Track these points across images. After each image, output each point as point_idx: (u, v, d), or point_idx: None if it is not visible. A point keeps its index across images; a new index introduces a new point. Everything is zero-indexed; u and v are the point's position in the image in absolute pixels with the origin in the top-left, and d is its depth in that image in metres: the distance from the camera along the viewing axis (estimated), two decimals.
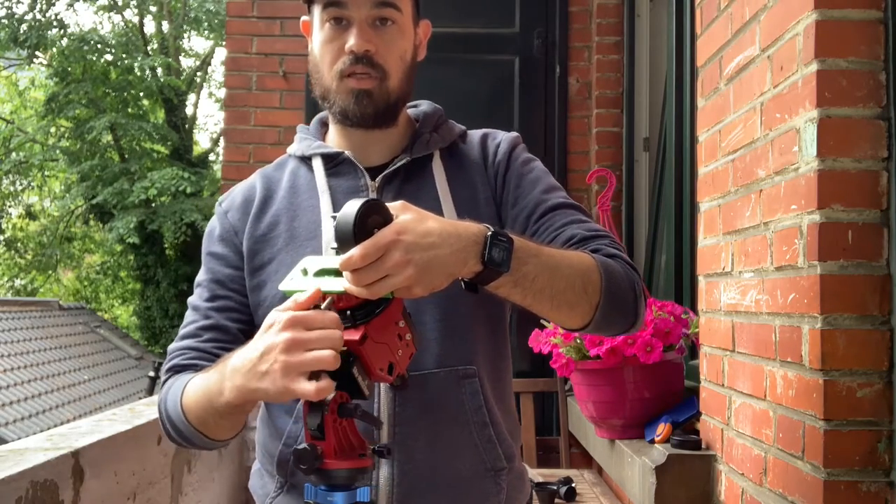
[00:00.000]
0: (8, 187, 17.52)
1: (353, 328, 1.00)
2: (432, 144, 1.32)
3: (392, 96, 1.26)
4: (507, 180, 1.31)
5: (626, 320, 1.21)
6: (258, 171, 1.40)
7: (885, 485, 1.28)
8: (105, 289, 18.43)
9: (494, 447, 1.25)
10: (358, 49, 1.21)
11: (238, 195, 1.36)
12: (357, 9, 1.21)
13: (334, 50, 1.23)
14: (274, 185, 1.34)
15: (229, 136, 4.03)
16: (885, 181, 1.31)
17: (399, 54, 1.26)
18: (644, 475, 1.95)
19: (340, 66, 1.23)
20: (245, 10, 4.01)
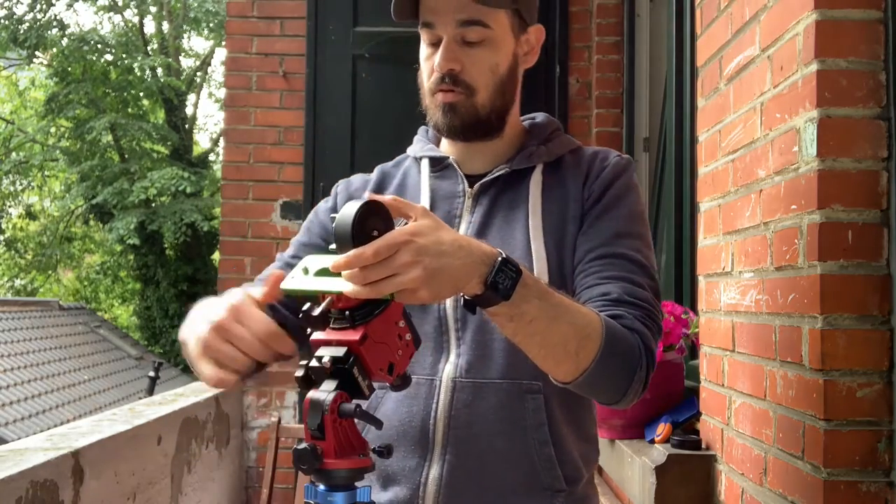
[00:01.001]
0: (8, 187, 17.53)
1: (353, 328, 1.00)
2: (535, 157, 1.33)
3: (482, 110, 1.28)
4: (595, 207, 1.29)
5: (610, 397, 1.18)
6: (379, 165, 1.46)
7: (885, 485, 1.28)
8: (105, 289, 18.44)
9: (554, 467, 1.22)
10: (441, 69, 1.25)
11: (355, 182, 1.43)
12: (444, 28, 1.25)
13: (429, 68, 1.29)
14: (388, 180, 1.40)
15: (229, 136, 4.04)
16: (885, 181, 1.31)
17: (489, 68, 1.27)
18: (644, 475, 1.95)
19: (431, 84, 1.29)
20: (245, 10, 4.01)
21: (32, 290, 18.01)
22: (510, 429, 1.21)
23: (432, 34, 1.26)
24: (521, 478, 1.21)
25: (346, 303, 1.00)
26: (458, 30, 1.24)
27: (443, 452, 1.21)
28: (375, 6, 3.91)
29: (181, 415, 2.91)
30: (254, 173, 3.98)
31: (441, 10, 1.24)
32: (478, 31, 1.25)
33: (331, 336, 1.02)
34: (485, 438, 1.20)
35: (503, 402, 1.21)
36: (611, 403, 1.21)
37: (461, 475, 1.20)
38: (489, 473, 1.21)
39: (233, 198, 4.00)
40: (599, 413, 2.31)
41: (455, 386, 1.22)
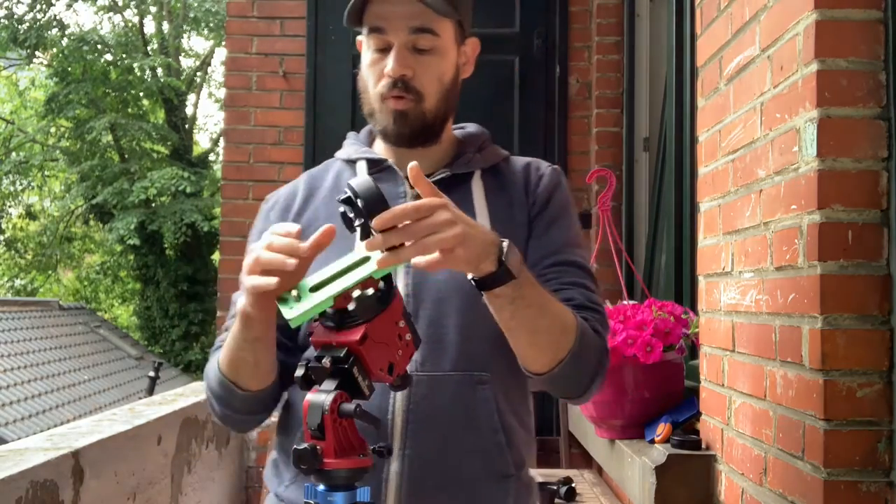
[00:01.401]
0: (8, 187, 17.52)
1: (353, 328, 1.00)
2: (474, 164, 1.37)
3: (429, 116, 1.32)
4: (542, 215, 1.35)
5: (575, 390, 1.29)
6: (305, 172, 1.47)
7: (885, 485, 1.28)
8: (105, 289, 18.44)
9: (504, 454, 1.28)
10: (394, 74, 1.27)
11: (283, 194, 1.43)
12: (395, 34, 1.27)
13: (376, 73, 1.30)
14: (317, 185, 1.41)
15: (229, 136, 4.04)
16: (885, 181, 1.31)
17: (437, 76, 1.31)
18: (644, 475, 1.95)
19: (381, 89, 1.30)
20: (245, 10, 4.01)
21: (32, 290, 18.00)
22: (465, 419, 1.26)
23: (381, 40, 1.28)
24: (477, 466, 1.26)
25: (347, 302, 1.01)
26: (410, 37, 1.28)
27: (402, 447, 1.24)
28: None
29: (181, 415, 2.91)
30: (254, 173, 3.98)
31: (392, 17, 1.27)
32: (428, 39, 1.29)
33: (331, 336, 1.02)
34: (443, 430, 1.25)
35: (457, 393, 1.26)
36: (572, 398, 1.32)
37: (422, 468, 1.23)
38: (448, 464, 1.25)
39: (233, 198, 4.00)
40: (599, 413, 2.33)
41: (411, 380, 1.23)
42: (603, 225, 2.92)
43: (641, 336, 2.13)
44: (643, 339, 2.12)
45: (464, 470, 1.25)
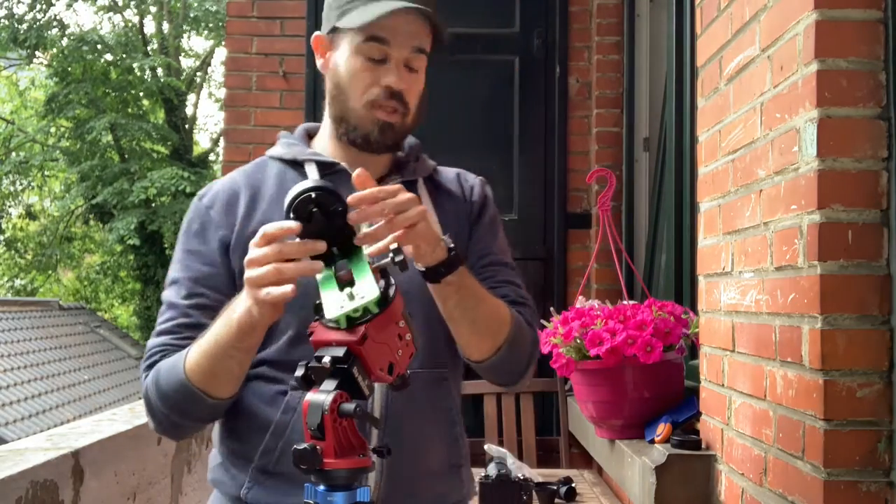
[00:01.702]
0: (8, 187, 17.51)
1: (353, 328, 1.00)
2: (418, 172, 1.43)
3: (407, 131, 1.38)
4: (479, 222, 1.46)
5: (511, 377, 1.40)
6: (237, 170, 1.44)
7: (885, 485, 1.28)
8: (105, 289, 18.42)
9: (459, 445, 1.40)
10: (397, 86, 1.31)
11: (221, 192, 1.38)
12: (398, 49, 1.31)
13: (368, 80, 1.31)
14: (259, 185, 1.38)
15: (229, 136, 4.03)
16: (885, 181, 1.31)
17: (419, 93, 1.36)
18: (644, 475, 1.95)
19: (372, 97, 1.31)
20: (245, 10, 4.01)
21: (32, 290, 17.99)
22: (433, 414, 1.35)
23: (381, 51, 1.31)
24: (442, 457, 1.37)
25: None
26: (409, 54, 1.32)
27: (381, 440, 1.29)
28: None
29: None
30: None
31: (400, 33, 1.30)
32: (421, 60, 1.35)
33: (331, 336, 1.02)
34: (416, 425, 1.32)
35: (425, 389, 1.33)
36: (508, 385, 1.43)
37: (399, 462, 1.26)
38: (421, 457, 1.33)
39: None
40: (599, 413, 2.33)
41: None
42: (603, 225, 2.92)
43: (641, 336, 2.13)
44: (643, 339, 2.12)
45: (431, 461, 1.35)
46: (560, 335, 2.28)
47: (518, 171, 3.84)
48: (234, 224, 1.34)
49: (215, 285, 1.32)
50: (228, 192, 1.38)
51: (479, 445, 3.23)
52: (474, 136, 3.84)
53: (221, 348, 1.18)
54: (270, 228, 1.07)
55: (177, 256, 1.37)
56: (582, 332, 2.20)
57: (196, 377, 1.21)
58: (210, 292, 1.32)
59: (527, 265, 3.83)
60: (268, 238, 1.07)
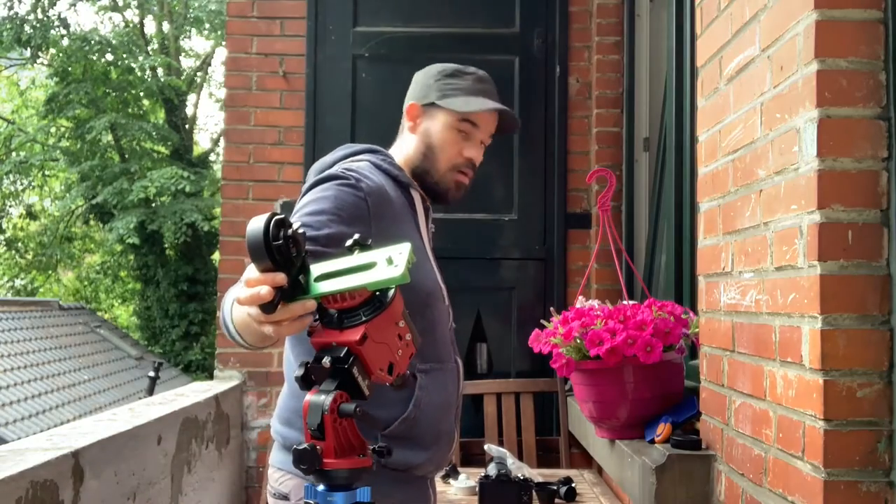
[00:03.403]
0: (8, 187, 17.51)
1: (353, 328, 1.00)
2: None
3: None
4: None
5: None
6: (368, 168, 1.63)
7: (885, 485, 1.28)
8: (105, 289, 18.42)
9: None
10: (477, 161, 1.74)
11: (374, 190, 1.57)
12: (483, 133, 1.74)
13: (457, 151, 1.71)
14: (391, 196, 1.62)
15: (229, 136, 4.03)
16: (885, 181, 1.31)
17: None
18: (644, 475, 1.95)
19: (457, 163, 1.71)
20: (245, 10, 4.01)
21: (32, 290, 17.99)
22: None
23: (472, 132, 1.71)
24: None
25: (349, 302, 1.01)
26: (487, 137, 1.75)
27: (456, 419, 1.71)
28: (375, 6, 3.91)
29: (181, 415, 2.91)
30: (254, 173, 3.98)
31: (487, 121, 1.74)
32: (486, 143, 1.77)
33: (331, 336, 1.02)
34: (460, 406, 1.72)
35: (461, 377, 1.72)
36: None
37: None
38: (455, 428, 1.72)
39: (233, 198, 4.00)
40: (599, 413, 2.32)
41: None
42: (603, 225, 2.92)
43: (641, 336, 2.12)
44: (643, 339, 2.12)
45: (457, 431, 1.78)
46: (560, 335, 2.28)
47: (518, 170, 3.84)
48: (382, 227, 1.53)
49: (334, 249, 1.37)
50: (378, 192, 1.58)
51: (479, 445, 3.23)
52: None
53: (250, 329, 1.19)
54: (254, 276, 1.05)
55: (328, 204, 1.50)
56: (582, 332, 2.20)
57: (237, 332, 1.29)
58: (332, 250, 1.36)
59: (527, 265, 3.83)
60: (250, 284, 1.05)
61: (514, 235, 3.84)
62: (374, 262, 1.00)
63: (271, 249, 0.98)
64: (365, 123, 3.85)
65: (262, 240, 0.97)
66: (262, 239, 0.97)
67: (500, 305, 3.73)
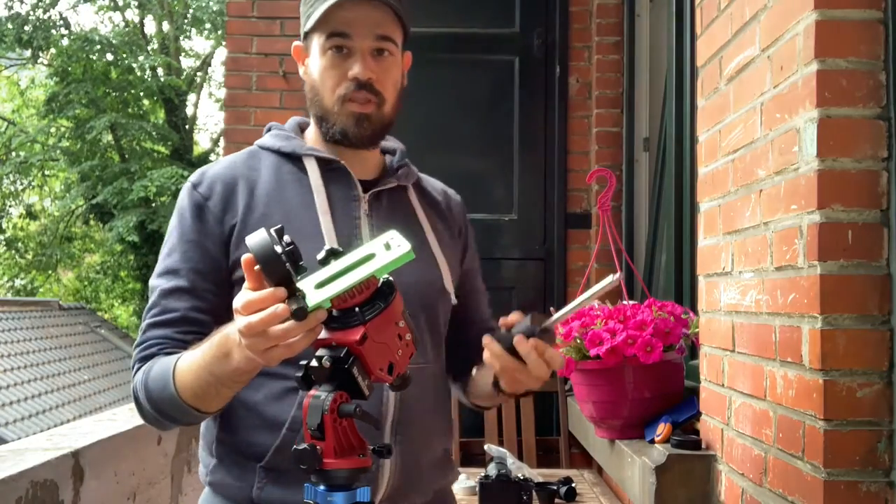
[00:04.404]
0: (8, 187, 17.51)
1: (353, 328, 1.00)
2: (409, 178, 1.46)
3: (386, 120, 1.38)
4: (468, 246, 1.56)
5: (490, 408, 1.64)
6: (227, 158, 1.42)
7: (885, 485, 1.28)
8: (105, 289, 18.41)
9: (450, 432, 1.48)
10: (363, 76, 1.32)
11: (218, 182, 1.36)
12: (360, 40, 1.33)
13: (336, 76, 1.34)
14: (255, 177, 1.37)
15: (229, 136, 4.03)
16: (885, 181, 1.31)
17: (393, 82, 1.38)
18: (644, 475, 1.95)
19: (342, 91, 1.34)
20: (245, 10, 4.01)
21: (32, 290, 17.99)
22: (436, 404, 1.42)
23: (344, 44, 1.33)
24: (439, 444, 1.43)
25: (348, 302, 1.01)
26: (374, 42, 1.34)
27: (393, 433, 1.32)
28: None
29: None
30: None
31: (359, 23, 1.32)
32: (389, 46, 1.36)
33: (331, 336, 1.02)
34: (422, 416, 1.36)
35: (430, 382, 1.40)
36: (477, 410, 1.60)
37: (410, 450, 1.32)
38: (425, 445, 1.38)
39: None
40: (599, 413, 2.32)
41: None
42: (603, 225, 2.92)
43: (641, 336, 2.12)
44: (643, 339, 2.12)
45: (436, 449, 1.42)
46: (560, 335, 2.28)
47: (518, 170, 3.84)
48: (236, 218, 1.32)
49: (217, 281, 1.30)
50: (224, 182, 1.35)
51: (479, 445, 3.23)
52: (474, 135, 3.84)
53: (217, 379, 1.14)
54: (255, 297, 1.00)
55: (173, 243, 1.34)
56: (582, 332, 2.20)
57: (187, 395, 1.19)
58: (213, 288, 1.30)
59: (527, 265, 3.83)
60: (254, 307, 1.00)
61: (514, 235, 3.84)
62: (372, 253, 1.00)
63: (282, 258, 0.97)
64: None
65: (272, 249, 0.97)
66: (272, 248, 0.97)
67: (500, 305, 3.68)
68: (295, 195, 1.35)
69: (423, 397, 1.36)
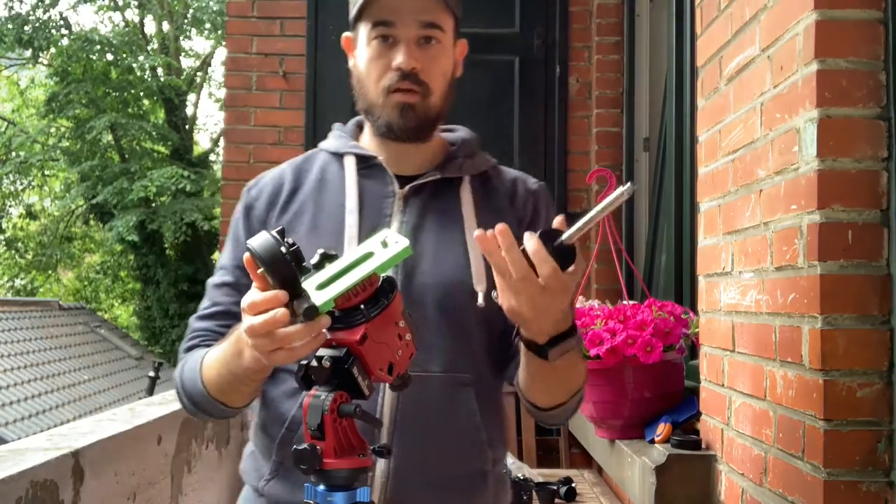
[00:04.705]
0: (8, 187, 17.52)
1: (353, 328, 1.00)
2: (464, 169, 1.37)
3: (433, 111, 1.32)
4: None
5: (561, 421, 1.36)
6: (288, 161, 1.44)
7: (885, 485, 1.28)
8: (105, 289, 18.43)
9: (484, 451, 1.31)
10: (406, 66, 1.27)
11: (267, 184, 1.40)
12: (405, 28, 1.28)
13: (381, 66, 1.29)
14: (303, 177, 1.39)
15: (229, 136, 4.04)
16: (885, 181, 1.31)
17: (441, 72, 1.32)
18: (644, 475, 1.95)
19: (387, 82, 1.29)
20: (245, 10, 4.01)
21: (32, 290, 17.99)
22: (451, 418, 1.29)
23: (388, 34, 1.28)
24: (462, 464, 1.30)
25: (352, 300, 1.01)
26: (419, 31, 1.28)
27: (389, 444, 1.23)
28: None
29: (181, 415, 2.90)
30: (254, 173, 3.94)
31: (403, 11, 1.27)
32: (435, 34, 1.30)
33: (331, 336, 1.02)
34: (427, 429, 1.27)
35: (443, 394, 1.28)
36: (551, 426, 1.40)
37: (407, 466, 1.24)
38: (432, 462, 1.27)
39: (233, 198, 3.98)
40: (599, 413, 2.32)
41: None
42: (603, 225, 2.91)
43: (641, 336, 2.12)
44: (643, 339, 2.12)
45: (445, 467, 1.28)
46: None
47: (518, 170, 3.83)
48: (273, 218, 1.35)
49: None
50: (273, 184, 1.39)
51: None
52: None
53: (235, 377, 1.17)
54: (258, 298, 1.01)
55: (227, 242, 1.40)
56: (582, 332, 2.20)
57: (212, 390, 1.23)
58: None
59: None
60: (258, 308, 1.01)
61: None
62: (370, 251, 1.01)
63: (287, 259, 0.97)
64: None
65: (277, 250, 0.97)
66: (277, 249, 0.97)
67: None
68: (332, 194, 1.34)
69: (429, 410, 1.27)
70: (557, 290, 1.04)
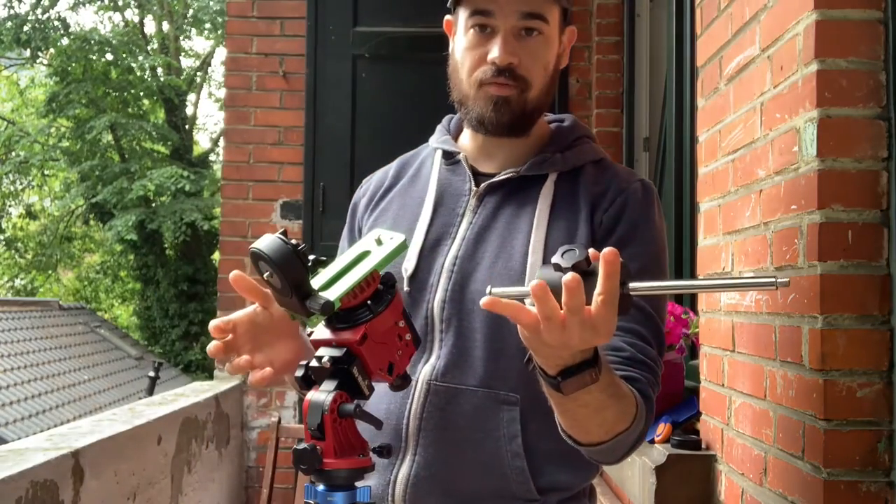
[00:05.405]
0: (8, 187, 17.52)
1: (353, 328, 1.00)
2: (548, 165, 1.27)
3: (530, 106, 1.24)
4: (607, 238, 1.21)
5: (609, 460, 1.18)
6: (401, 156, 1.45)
7: (885, 485, 1.28)
8: (105, 289, 18.44)
9: (527, 479, 1.18)
10: (501, 62, 1.20)
11: (373, 181, 1.42)
12: (504, 18, 1.20)
13: (476, 57, 1.22)
14: (403, 172, 1.39)
15: (229, 136, 4.04)
16: (885, 181, 1.31)
17: (542, 65, 1.24)
18: (644, 475, 1.95)
19: (480, 76, 1.22)
20: (245, 10, 4.01)
21: (32, 290, 18.00)
22: (482, 437, 1.18)
23: (486, 23, 1.20)
24: (490, 486, 1.19)
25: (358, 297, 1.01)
26: (519, 22, 1.20)
27: (413, 452, 1.20)
28: (375, 6, 3.91)
29: (181, 415, 2.91)
30: (254, 173, 3.98)
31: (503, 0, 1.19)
32: (538, 25, 1.21)
33: (331, 336, 1.02)
34: (454, 443, 1.19)
35: (477, 409, 1.18)
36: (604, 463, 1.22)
37: (427, 476, 1.19)
38: (456, 478, 1.19)
39: (233, 198, 4.00)
40: None
41: (430, 388, 1.21)
42: None
43: None
44: None
45: (471, 487, 1.19)
46: None
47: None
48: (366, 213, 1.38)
49: None
50: (378, 180, 1.41)
51: None
52: None
53: None
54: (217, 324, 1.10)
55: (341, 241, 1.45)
56: None
57: None
58: None
59: None
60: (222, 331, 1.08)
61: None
62: (366, 250, 1.02)
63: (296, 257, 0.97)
64: (365, 123, 3.85)
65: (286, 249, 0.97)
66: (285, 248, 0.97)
67: None
68: (419, 190, 1.32)
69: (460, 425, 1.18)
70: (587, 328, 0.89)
